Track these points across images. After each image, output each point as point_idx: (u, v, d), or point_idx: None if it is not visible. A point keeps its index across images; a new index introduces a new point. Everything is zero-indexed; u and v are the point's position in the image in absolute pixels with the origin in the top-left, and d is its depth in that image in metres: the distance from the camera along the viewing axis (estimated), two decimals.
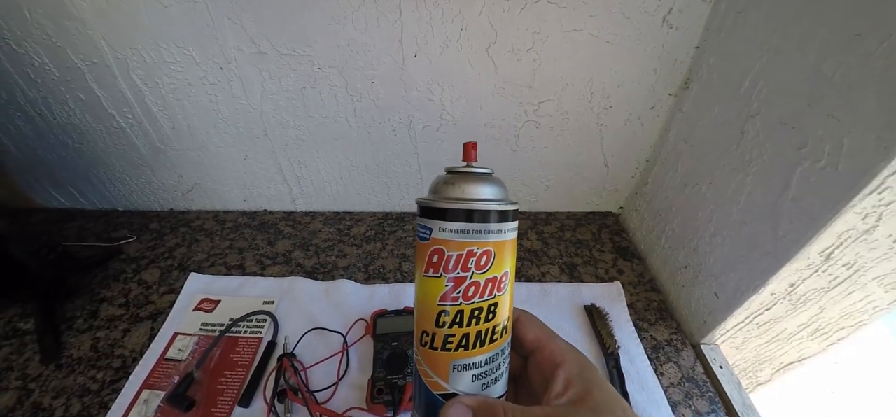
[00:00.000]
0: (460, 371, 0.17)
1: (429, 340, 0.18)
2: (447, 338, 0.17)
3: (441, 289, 0.17)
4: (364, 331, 0.42)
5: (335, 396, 0.37)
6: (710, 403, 0.39)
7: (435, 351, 0.18)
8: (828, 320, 0.41)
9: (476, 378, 0.18)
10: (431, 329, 0.18)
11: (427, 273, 0.17)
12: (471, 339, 0.17)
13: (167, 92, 0.48)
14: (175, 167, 0.56)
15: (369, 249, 0.55)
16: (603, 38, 0.43)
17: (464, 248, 0.17)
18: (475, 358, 0.17)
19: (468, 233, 0.17)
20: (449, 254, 0.17)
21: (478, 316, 0.17)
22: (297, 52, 0.44)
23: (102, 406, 0.37)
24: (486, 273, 0.17)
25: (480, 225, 0.17)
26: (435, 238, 0.17)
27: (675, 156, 0.49)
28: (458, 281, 0.17)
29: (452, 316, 0.17)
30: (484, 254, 0.17)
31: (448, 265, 0.17)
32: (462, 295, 0.17)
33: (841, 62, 0.29)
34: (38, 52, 0.44)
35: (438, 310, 0.17)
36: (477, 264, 0.17)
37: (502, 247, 0.17)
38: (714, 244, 0.42)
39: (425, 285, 0.18)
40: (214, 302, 0.46)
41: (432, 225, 0.17)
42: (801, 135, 0.32)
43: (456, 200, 0.17)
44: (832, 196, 0.30)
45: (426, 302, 0.18)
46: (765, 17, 0.36)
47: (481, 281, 0.17)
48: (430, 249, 0.17)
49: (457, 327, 0.17)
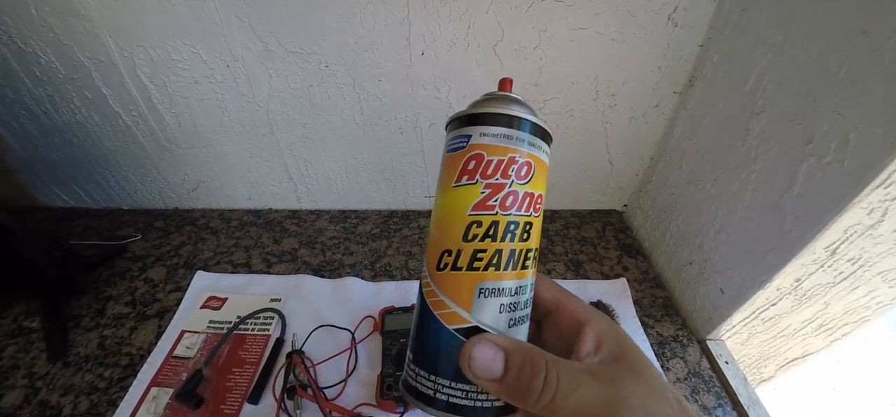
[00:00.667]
0: (487, 298, 0.15)
1: (451, 260, 0.15)
2: (476, 255, 0.15)
3: (475, 197, 0.15)
4: (372, 328, 0.42)
5: (344, 392, 0.37)
6: (717, 398, 0.39)
7: (458, 272, 0.15)
8: (832, 316, 0.41)
9: (504, 310, 0.15)
10: (457, 244, 0.15)
11: (459, 182, 0.16)
12: (503, 258, 0.15)
13: (173, 90, 0.48)
14: (180, 165, 0.56)
15: (375, 247, 0.55)
16: (608, 36, 0.43)
17: (506, 153, 0.15)
18: (506, 283, 0.15)
19: (511, 140, 0.15)
20: (489, 159, 0.15)
21: (513, 232, 0.15)
22: (305, 49, 0.44)
23: (111, 404, 0.37)
24: (526, 185, 0.16)
25: (523, 134, 0.16)
26: (474, 143, 0.16)
27: (680, 153, 0.49)
28: (495, 189, 0.15)
29: (486, 227, 0.15)
30: (525, 164, 0.15)
31: (487, 170, 0.15)
32: (499, 203, 0.15)
33: (846, 58, 0.30)
34: (45, 50, 0.44)
35: (469, 221, 0.15)
36: (518, 172, 0.15)
37: (541, 165, 0.16)
38: (719, 240, 0.42)
39: (454, 196, 0.16)
40: (221, 299, 0.46)
41: (471, 131, 0.16)
42: (806, 132, 0.33)
43: (500, 107, 0.16)
44: (838, 191, 0.30)
45: (453, 215, 0.16)
46: (769, 15, 0.36)
47: (520, 193, 0.15)
48: (468, 156, 0.15)
49: (489, 240, 0.15)
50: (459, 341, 0.15)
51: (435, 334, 0.15)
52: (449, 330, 0.15)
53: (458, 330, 0.15)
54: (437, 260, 0.16)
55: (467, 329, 0.15)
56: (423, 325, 0.16)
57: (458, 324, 0.15)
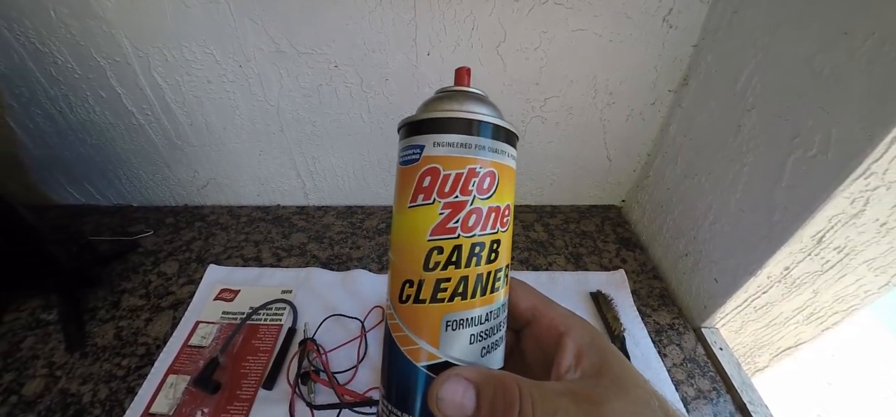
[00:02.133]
0: (455, 330, 0.13)
1: (413, 292, 0.14)
2: (440, 285, 0.13)
3: (434, 219, 0.13)
4: (381, 317, 0.44)
5: (355, 378, 0.38)
6: (712, 382, 0.41)
7: (421, 305, 0.14)
8: (822, 304, 0.43)
9: (475, 340, 0.14)
10: (418, 274, 0.13)
11: (415, 202, 0.14)
12: (470, 285, 0.13)
13: (187, 89, 0.49)
14: (191, 163, 0.57)
15: (382, 241, 0.57)
16: (606, 38, 0.45)
17: (464, 166, 0.13)
18: (475, 312, 0.14)
19: (469, 148, 0.13)
20: (446, 173, 0.13)
21: (479, 255, 0.13)
22: (315, 50, 0.46)
23: (129, 392, 0.38)
24: (490, 199, 0.14)
25: (483, 139, 0.14)
26: (427, 156, 0.13)
27: (675, 149, 0.51)
28: (455, 208, 0.13)
29: (448, 253, 0.13)
30: (488, 175, 0.14)
31: (444, 187, 0.13)
32: (461, 224, 0.13)
33: (829, 58, 0.32)
34: (62, 50, 0.46)
35: (429, 248, 0.13)
36: (479, 187, 0.13)
37: (506, 172, 0.14)
38: (713, 232, 0.44)
39: (411, 218, 0.14)
40: (234, 291, 0.47)
41: (424, 141, 0.14)
42: (793, 127, 0.35)
43: (456, 110, 0.14)
44: (823, 182, 0.32)
45: (412, 240, 0.14)
46: (759, 17, 0.38)
47: (484, 209, 0.13)
48: (422, 171, 0.13)
49: (453, 268, 0.13)
50: (430, 378, 0.13)
51: (404, 371, 0.14)
52: (418, 368, 0.14)
53: (427, 367, 0.14)
54: (399, 291, 0.14)
55: (437, 365, 0.13)
56: (392, 362, 0.14)
57: (428, 361, 0.14)
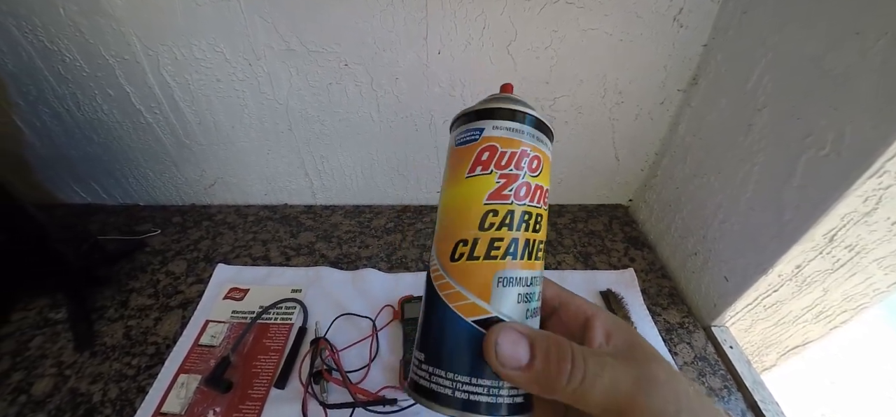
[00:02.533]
0: (505, 287, 0.15)
1: (466, 249, 0.15)
2: (494, 243, 0.15)
3: (491, 186, 0.15)
4: (392, 316, 0.44)
5: (367, 377, 0.38)
6: (723, 380, 0.41)
7: (475, 262, 0.15)
8: (831, 302, 0.43)
9: (521, 300, 0.15)
10: (473, 233, 0.15)
11: (473, 172, 0.16)
12: (519, 246, 0.15)
13: (196, 88, 0.49)
14: (199, 162, 0.57)
15: (390, 240, 0.56)
16: (616, 37, 0.46)
17: (518, 147, 0.16)
18: (522, 272, 0.15)
19: (522, 133, 0.16)
20: (503, 151, 0.16)
21: (527, 222, 0.15)
22: (326, 48, 0.46)
23: (140, 391, 0.38)
24: (536, 177, 0.16)
25: (533, 129, 0.16)
26: (487, 136, 0.16)
27: (684, 149, 0.51)
28: (510, 179, 0.15)
29: (502, 215, 0.15)
30: (535, 157, 0.16)
31: (501, 161, 0.15)
32: (514, 193, 0.15)
33: (841, 57, 0.32)
34: (70, 48, 0.45)
35: (486, 210, 0.15)
36: (530, 165, 0.16)
37: (547, 160, 0.17)
38: (723, 231, 0.44)
39: (468, 186, 0.16)
40: (243, 290, 0.47)
41: (484, 124, 0.16)
42: (805, 126, 0.35)
43: (510, 104, 0.16)
44: (835, 181, 0.32)
45: (469, 203, 0.16)
46: (770, 17, 0.39)
47: (532, 185, 0.16)
48: (481, 148, 0.16)
49: (506, 229, 0.15)
50: (480, 333, 0.14)
51: (451, 328, 0.15)
52: (467, 323, 0.15)
53: (476, 321, 0.15)
54: (451, 250, 0.15)
55: (486, 320, 0.15)
56: (437, 320, 0.15)
57: (478, 316, 0.15)
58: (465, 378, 0.14)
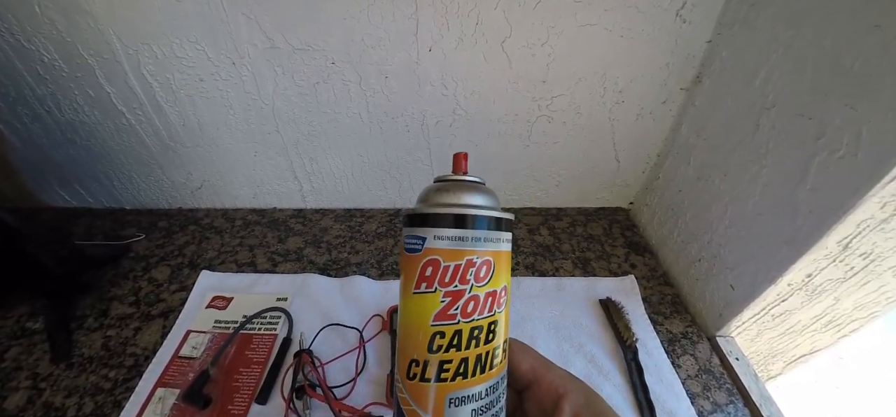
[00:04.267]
0: (458, 406, 0.15)
1: (419, 371, 0.15)
2: (442, 366, 0.15)
3: (436, 307, 0.15)
4: (381, 327, 0.42)
5: (353, 392, 0.37)
6: (729, 394, 0.39)
7: (426, 384, 0.15)
8: (842, 311, 0.41)
9: (476, 414, 0.15)
10: (423, 355, 0.15)
11: (418, 289, 0.15)
12: (470, 365, 0.15)
13: (178, 87, 0.47)
14: (184, 164, 0.55)
15: (381, 246, 0.55)
16: (616, 33, 0.43)
17: (462, 257, 0.15)
18: (475, 388, 0.15)
19: (466, 241, 0.15)
20: (445, 265, 0.15)
21: (478, 337, 0.15)
22: (311, 46, 0.44)
23: (116, 405, 0.36)
24: (486, 285, 0.15)
25: (480, 232, 0.15)
26: (429, 248, 0.15)
27: (688, 150, 0.49)
28: (455, 297, 0.15)
29: (449, 337, 0.15)
30: (484, 264, 0.15)
31: (444, 277, 0.15)
32: (460, 311, 0.15)
33: (859, 52, 0.30)
34: (48, 47, 0.44)
35: (433, 332, 0.15)
36: (476, 275, 0.15)
37: (500, 258, 0.16)
38: (729, 236, 0.42)
39: (416, 304, 0.15)
40: (227, 299, 0.45)
41: (425, 233, 0.15)
42: (818, 126, 0.32)
43: (452, 206, 0.16)
44: (851, 185, 0.30)
45: (416, 324, 0.15)
46: (779, 10, 0.36)
47: (481, 296, 0.15)
48: (423, 261, 0.15)
49: (454, 351, 0.15)
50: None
51: None
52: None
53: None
54: (407, 368, 0.16)
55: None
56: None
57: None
58: None
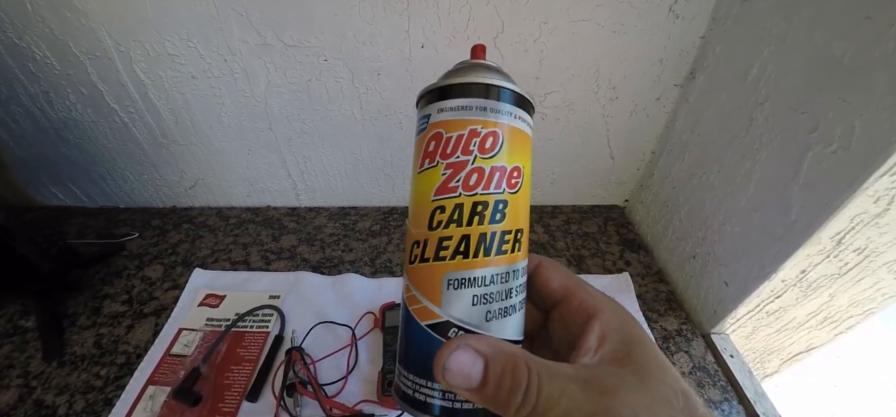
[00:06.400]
0: (456, 289, 0.13)
1: (419, 252, 0.14)
2: (442, 243, 0.14)
3: (437, 180, 0.14)
4: (372, 324, 0.42)
5: (345, 389, 0.36)
6: (723, 392, 0.38)
7: (426, 264, 0.14)
8: (837, 308, 0.41)
9: (478, 302, 0.14)
10: (423, 233, 0.14)
11: (422, 167, 0.14)
12: (472, 244, 0.13)
13: (170, 85, 0.47)
14: (178, 162, 0.55)
15: (375, 244, 0.54)
16: (609, 29, 0.43)
17: (465, 127, 0.14)
18: (477, 272, 0.14)
19: (470, 110, 0.14)
20: (448, 136, 0.14)
21: (482, 214, 0.13)
22: (303, 43, 0.44)
23: (107, 403, 0.36)
24: (493, 159, 0.14)
25: (485, 101, 0.14)
26: (433, 122, 0.14)
27: (682, 146, 0.49)
28: (457, 168, 0.14)
29: (449, 211, 0.14)
30: (490, 135, 0.14)
31: (446, 148, 0.14)
32: (462, 183, 0.14)
33: (851, 45, 0.29)
34: (40, 45, 0.44)
35: (433, 207, 0.14)
36: (481, 146, 0.14)
37: (514, 135, 0.14)
38: (723, 232, 0.42)
39: (419, 183, 0.14)
40: (220, 297, 0.45)
41: (430, 110, 0.14)
42: (811, 120, 0.32)
43: (458, 76, 0.15)
44: (844, 179, 0.30)
45: (419, 202, 0.14)
46: (771, 4, 0.36)
47: (486, 168, 0.14)
48: (428, 137, 0.14)
49: (454, 226, 0.14)
50: (435, 340, 0.13)
51: (412, 331, 0.14)
52: (422, 328, 0.14)
53: (430, 326, 0.14)
54: (410, 252, 0.15)
55: (439, 324, 0.14)
56: (404, 324, 0.15)
57: (430, 320, 0.14)
58: (437, 386, 0.14)
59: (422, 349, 0.14)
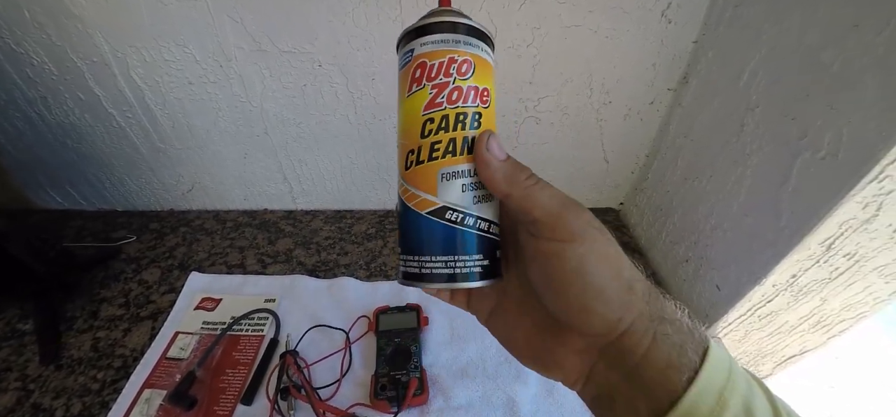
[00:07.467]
0: (449, 180, 0.17)
1: (414, 157, 0.18)
2: (433, 146, 0.17)
3: (425, 98, 0.17)
4: (367, 328, 0.42)
5: (338, 393, 0.37)
6: None
7: (421, 165, 0.17)
8: (829, 312, 0.41)
9: (466, 189, 0.17)
10: (417, 143, 0.18)
11: (410, 91, 0.18)
12: (458, 144, 0.17)
13: (167, 90, 0.48)
14: (175, 166, 0.56)
15: (371, 247, 0.55)
16: (602, 33, 0.43)
17: (445, 56, 0.17)
18: (463, 166, 0.17)
19: (448, 43, 0.17)
20: (431, 64, 0.17)
21: (463, 122, 0.17)
22: (298, 49, 0.44)
23: (103, 406, 0.37)
24: (468, 80, 0.17)
25: (460, 36, 0.17)
26: (417, 55, 0.18)
27: (675, 150, 0.49)
28: (441, 87, 0.17)
29: (438, 121, 0.17)
30: (465, 62, 0.17)
31: (431, 73, 0.17)
32: (446, 99, 0.17)
33: (839, 52, 0.30)
34: (37, 51, 0.44)
35: (423, 120, 0.17)
36: (459, 70, 0.17)
37: (482, 63, 0.18)
38: (715, 237, 0.42)
39: (409, 104, 0.18)
40: (216, 300, 0.46)
41: (414, 44, 0.18)
42: (800, 126, 0.32)
43: (435, 17, 0.18)
44: (833, 185, 0.30)
45: (411, 119, 0.18)
46: (763, 10, 0.36)
47: (464, 87, 0.17)
48: (413, 67, 0.18)
49: (443, 132, 0.17)
50: (435, 223, 0.17)
51: (414, 222, 0.18)
52: (423, 216, 0.18)
53: (430, 212, 0.17)
54: (405, 161, 0.18)
55: (437, 209, 0.17)
56: (404, 219, 0.19)
57: (429, 208, 0.17)
58: (429, 257, 0.17)
59: (423, 233, 0.18)
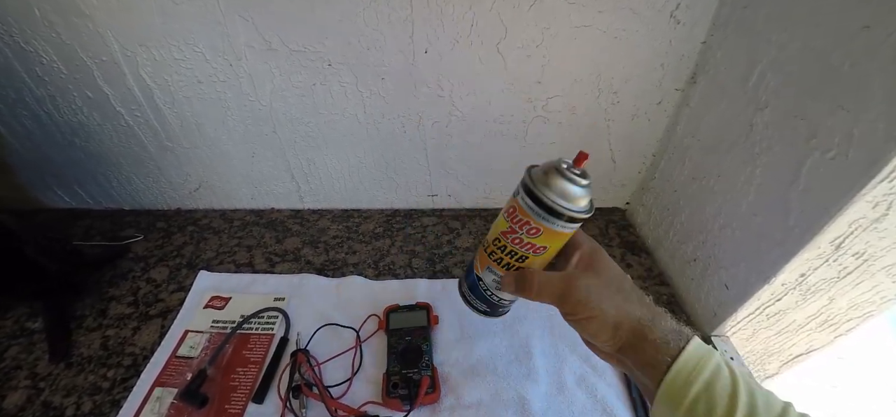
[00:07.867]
0: (488, 271, 0.28)
1: (484, 245, 0.28)
2: (493, 253, 0.27)
3: (505, 227, 0.26)
4: (377, 326, 0.42)
5: (350, 391, 0.37)
6: None
7: (484, 252, 0.28)
8: (837, 311, 0.41)
9: (494, 280, 0.28)
10: (491, 242, 0.27)
11: (504, 212, 0.27)
12: (502, 262, 0.27)
13: (176, 89, 0.48)
14: (183, 165, 0.56)
15: (379, 246, 0.55)
16: (611, 34, 0.44)
17: (526, 216, 0.25)
18: (498, 273, 0.28)
19: (534, 212, 0.24)
20: (517, 214, 0.25)
21: (513, 255, 0.26)
22: (308, 48, 0.44)
23: (114, 405, 0.37)
24: (532, 238, 0.25)
25: (545, 213, 0.24)
26: (516, 199, 0.25)
27: (683, 150, 0.49)
28: (514, 231, 0.26)
29: (502, 244, 0.26)
30: (535, 229, 0.25)
31: (515, 217, 0.25)
32: (511, 240, 0.26)
33: (849, 53, 0.30)
34: (47, 49, 0.44)
35: (498, 235, 0.27)
36: (527, 230, 0.25)
37: (552, 235, 0.25)
38: (723, 236, 0.42)
39: (500, 218, 0.27)
40: (225, 299, 0.46)
41: (520, 189, 0.25)
42: (810, 127, 0.33)
43: (541, 188, 0.24)
44: (843, 185, 0.30)
45: (496, 227, 0.27)
46: (771, 11, 0.36)
47: (525, 240, 0.25)
48: (511, 202, 0.26)
49: (501, 251, 0.27)
50: (474, 278, 0.29)
51: (470, 274, 0.30)
52: (473, 272, 0.29)
53: (475, 274, 0.29)
54: (484, 241, 0.29)
55: (478, 277, 0.29)
56: (470, 265, 0.30)
57: (476, 273, 0.29)
58: (471, 293, 0.30)
59: (470, 277, 0.30)
